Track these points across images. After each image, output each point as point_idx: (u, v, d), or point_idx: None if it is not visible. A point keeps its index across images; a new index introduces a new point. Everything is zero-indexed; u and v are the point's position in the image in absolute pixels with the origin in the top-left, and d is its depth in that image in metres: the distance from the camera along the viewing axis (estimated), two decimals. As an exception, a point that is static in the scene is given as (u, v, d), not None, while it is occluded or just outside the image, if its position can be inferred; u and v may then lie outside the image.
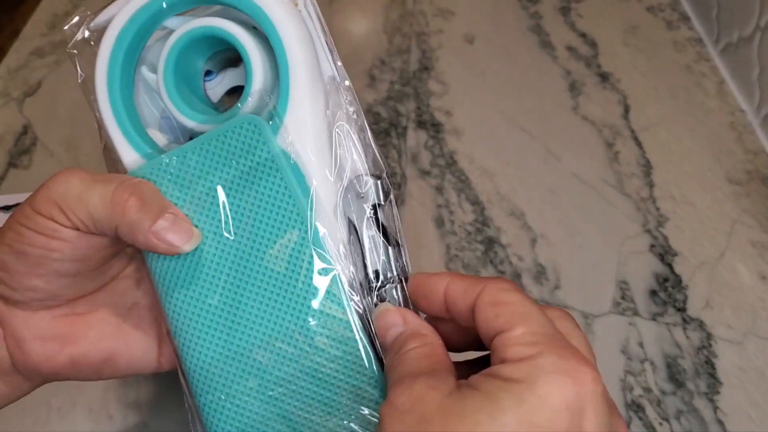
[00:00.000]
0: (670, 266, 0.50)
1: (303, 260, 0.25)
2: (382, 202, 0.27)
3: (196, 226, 0.25)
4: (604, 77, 0.65)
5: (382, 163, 0.27)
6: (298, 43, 0.25)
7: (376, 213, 0.27)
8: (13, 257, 0.23)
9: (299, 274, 0.25)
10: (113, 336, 0.26)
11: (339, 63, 0.27)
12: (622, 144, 0.59)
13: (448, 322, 0.24)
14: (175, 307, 0.25)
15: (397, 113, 0.60)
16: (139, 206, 0.23)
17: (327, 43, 0.26)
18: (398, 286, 0.27)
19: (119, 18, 0.25)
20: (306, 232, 0.25)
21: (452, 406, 0.18)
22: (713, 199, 0.55)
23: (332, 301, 0.25)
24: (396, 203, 0.52)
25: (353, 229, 0.26)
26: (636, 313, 0.47)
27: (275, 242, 0.25)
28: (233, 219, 0.25)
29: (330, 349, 0.25)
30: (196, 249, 0.25)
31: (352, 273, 0.26)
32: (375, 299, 0.26)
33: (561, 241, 0.51)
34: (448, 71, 0.64)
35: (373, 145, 0.27)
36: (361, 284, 0.26)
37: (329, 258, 0.25)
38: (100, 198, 0.23)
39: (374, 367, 0.25)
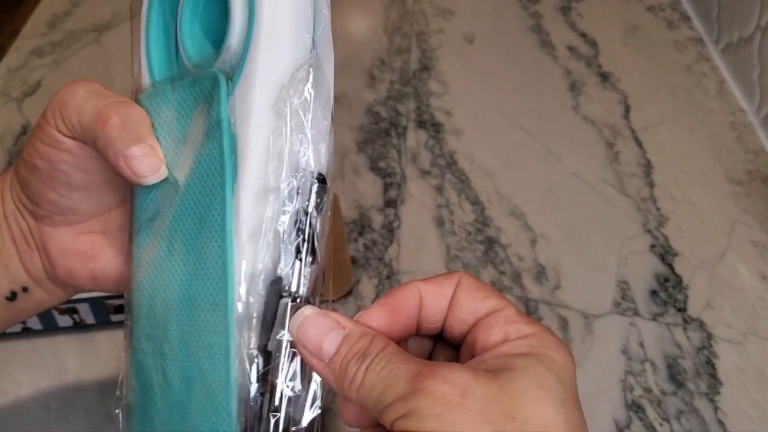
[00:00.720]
0: (670, 266, 0.50)
1: (214, 246, 0.23)
2: (312, 211, 0.24)
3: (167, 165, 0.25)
4: (604, 77, 0.65)
5: (326, 162, 0.24)
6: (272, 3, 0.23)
7: (302, 218, 0.24)
8: (29, 171, 0.25)
9: (207, 260, 0.23)
10: (128, 253, 0.27)
11: (325, 35, 0.24)
12: (623, 144, 0.59)
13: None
14: (134, 234, 0.26)
15: (397, 113, 0.60)
16: (120, 127, 0.23)
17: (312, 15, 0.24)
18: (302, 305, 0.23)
19: None
20: (223, 216, 0.23)
21: (507, 384, 0.18)
22: (713, 199, 0.55)
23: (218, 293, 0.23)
24: (397, 203, 0.52)
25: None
26: (636, 313, 0.47)
27: (199, 209, 0.24)
28: (186, 170, 0.24)
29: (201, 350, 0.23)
30: (157, 186, 0.25)
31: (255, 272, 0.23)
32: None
33: (561, 241, 0.51)
34: (448, 71, 0.64)
35: (327, 138, 0.24)
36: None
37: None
38: (91, 109, 0.23)
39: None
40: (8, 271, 0.27)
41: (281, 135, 0.23)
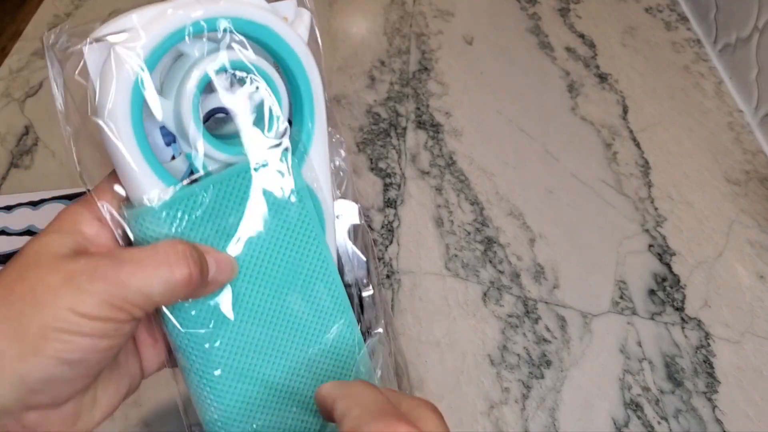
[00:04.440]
0: (668, 266, 0.50)
1: (325, 290, 0.27)
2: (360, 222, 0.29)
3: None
4: (602, 78, 0.65)
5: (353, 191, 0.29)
6: (318, 77, 0.25)
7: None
8: (60, 368, 0.20)
9: (320, 303, 0.27)
10: (118, 382, 0.25)
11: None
12: (621, 144, 0.59)
13: None
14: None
15: (397, 114, 0.60)
16: (200, 267, 0.22)
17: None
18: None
19: (147, 41, 0.22)
20: (325, 261, 0.26)
21: None
22: (711, 199, 0.55)
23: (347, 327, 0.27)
24: (397, 203, 0.53)
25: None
26: (634, 313, 0.47)
27: (297, 271, 0.26)
28: (255, 251, 0.25)
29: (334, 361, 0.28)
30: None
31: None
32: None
33: (560, 241, 0.51)
34: (447, 72, 0.65)
35: (346, 170, 0.29)
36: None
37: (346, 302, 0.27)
38: (160, 284, 0.21)
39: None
40: None
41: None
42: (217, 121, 0.26)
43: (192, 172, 0.25)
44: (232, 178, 0.24)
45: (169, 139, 0.24)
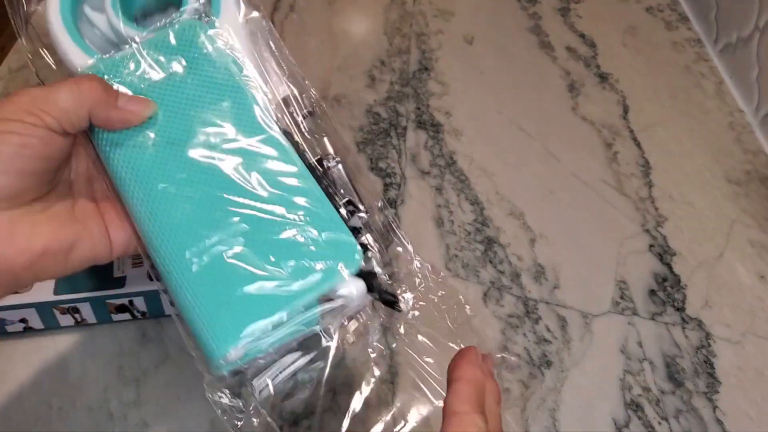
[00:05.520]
0: (669, 266, 0.50)
1: (247, 120, 0.30)
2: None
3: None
4: (603, 77, 0.65)
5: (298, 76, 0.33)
6: None
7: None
8: None
9: (244, 131, 0.30)
10: (69, 228, 0.29)
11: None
12: (621, 144, 0.59)
13: None
14: (138, 186, 0.29)
15: (397, 113, 0.60)
16: (104, 86, 0.28)
17: None
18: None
19: None
20: (245, 95, 0.31)
21: None
22: (712, 199, 0.55)
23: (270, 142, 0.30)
24: (397, 203, 0.53)
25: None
26: (635, 313, 0.47)
27: (218, 110, 0.30)
28: (176, 106, 0.30)
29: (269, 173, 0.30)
30: (145, 131, 0.30)
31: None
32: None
33: (560, 241, 0.51)
34: (447, 72, 0.65)
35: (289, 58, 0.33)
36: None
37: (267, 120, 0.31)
38: (67, 92, 0.27)
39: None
40: None
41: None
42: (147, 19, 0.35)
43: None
44: (152, 45, 0.31)
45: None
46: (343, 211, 0.30)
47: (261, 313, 0.26)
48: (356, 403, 0.29)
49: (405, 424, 0.29)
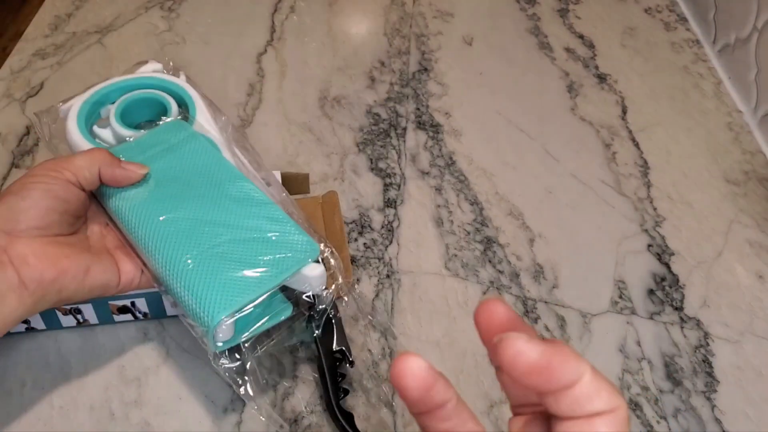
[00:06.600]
0: (667, 266, 0.50)
1: (221, 171, 0.40)
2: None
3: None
4: (601, 78, 0.65)
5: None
6: (195, 93, 0.47)
7: None
8: (21, 200, 0.34)
9: (220, 179, 0.40)
10: (86, 255, 0.36)
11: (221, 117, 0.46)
12: (620, 144, 0.59)
13: None
14: (141, 221, 0.38)
15: (397, 114, 0.60)
16: (110, 154, 0.38)
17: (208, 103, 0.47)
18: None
19: (78, 101, 0.45)
20: (220, 159, 0.41)
21: None
22: (710, 199, 0.55)
23: (243, 183, 0.40)
24: (397, 203, 0.53)
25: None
26: (634, 312, 0.47)
27: (199, 167, 0.40)
28: (167, 168, 0.40)
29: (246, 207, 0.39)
30: (144, 186, 0.39)
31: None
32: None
33: (559, 241, 0.51)
34: (447, 72, 0.65)
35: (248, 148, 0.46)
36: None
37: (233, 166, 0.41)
38: (82, 156, 0.37)
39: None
40: None
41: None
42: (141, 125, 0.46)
43: None
44: (146, 135, 0.43)
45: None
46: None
47: (246, 290, 0.34)
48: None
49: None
